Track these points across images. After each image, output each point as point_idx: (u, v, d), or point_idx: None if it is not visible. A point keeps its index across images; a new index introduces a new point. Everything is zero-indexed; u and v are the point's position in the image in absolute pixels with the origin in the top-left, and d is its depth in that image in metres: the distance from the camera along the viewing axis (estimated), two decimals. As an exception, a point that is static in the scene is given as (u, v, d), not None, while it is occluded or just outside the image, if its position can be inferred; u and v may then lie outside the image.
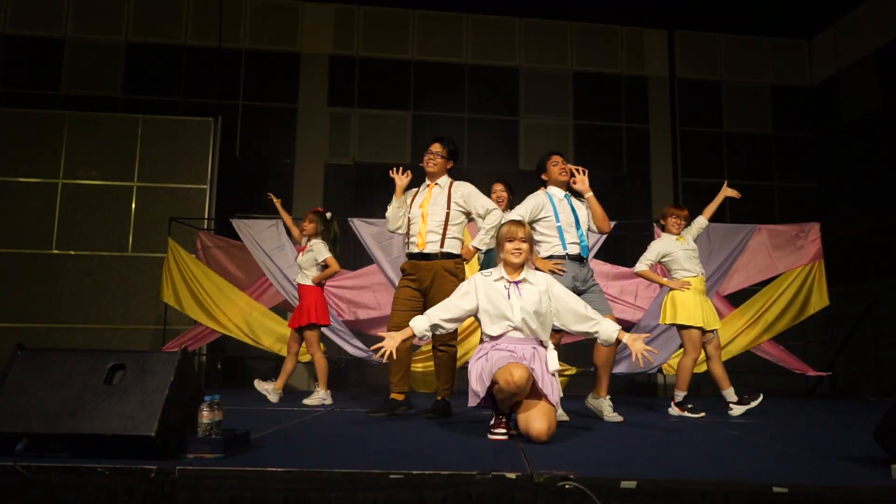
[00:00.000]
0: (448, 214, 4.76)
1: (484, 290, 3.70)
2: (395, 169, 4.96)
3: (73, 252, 8.93)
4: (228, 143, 10.05)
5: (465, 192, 4.84)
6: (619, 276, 7.91)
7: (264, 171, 10.26)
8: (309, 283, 5.94)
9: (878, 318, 9.06)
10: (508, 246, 3.68)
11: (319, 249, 5.91)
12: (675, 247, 5.33)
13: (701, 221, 5.49)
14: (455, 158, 5.03)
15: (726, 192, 5.58)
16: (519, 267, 3.70)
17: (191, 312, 8.03)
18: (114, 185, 9.13)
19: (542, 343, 3.68)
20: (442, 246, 4.70)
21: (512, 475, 2.41)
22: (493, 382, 3.43)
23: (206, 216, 9.08)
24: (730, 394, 5.18)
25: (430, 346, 7.71)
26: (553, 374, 3.54)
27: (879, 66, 9.62)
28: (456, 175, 5.11)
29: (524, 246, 3.66)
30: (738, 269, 7.99)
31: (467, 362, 7.71)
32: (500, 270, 3.73)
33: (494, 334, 3.66)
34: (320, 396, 5.79)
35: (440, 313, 3.74)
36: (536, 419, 3.36)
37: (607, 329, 3.67)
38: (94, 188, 9.09)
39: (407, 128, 10.59)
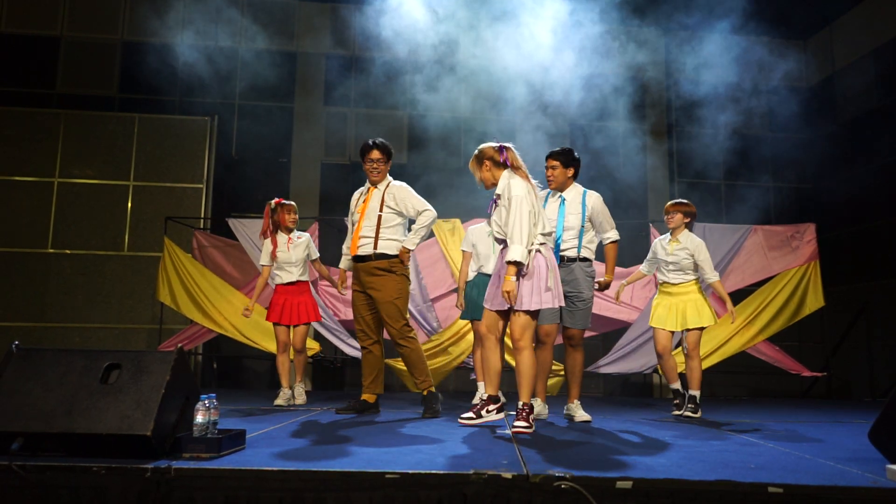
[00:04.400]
0: (380, 217, 4.82)
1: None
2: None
3: (68, 251, 8.91)
4: (224, 143, 10.04)
5: (398, 194, 4.88)
6: (615, 277, 7.91)
7: (260, 170, 10.24)
8: (307, 278, 5.84)
9: (873, 318, 9.08)
10: None
11: (311, 245, 5.86)
12: (661, 252, 5.45)
13: (709, 276, 5.35)
14: (391, 157, 5.03)
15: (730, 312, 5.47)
16: (494, 183, 4.06)
17: (187, 312, 8.02)
18: (109, 184, 9.12)
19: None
20: (375, 248, 4.79)
21: (508, 475, 2.41)
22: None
23: (202, 215, 9.07)
24: (696, 396, 5.24)
25: (426, 346, 7.74)
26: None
27: (875, 67, 9.64)
28: None
29: (477, 175, 4.09)
30: (734, 270, 8.01)
31: (464, 361, 7.70)
32: None
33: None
34: (298, 392, 5.79)
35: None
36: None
37: (508, 254, 3.81)
38: (90, 187, 9.07)
39: (403, 127, 10.59)
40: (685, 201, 5.48)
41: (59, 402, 2.72)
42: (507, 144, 4.06)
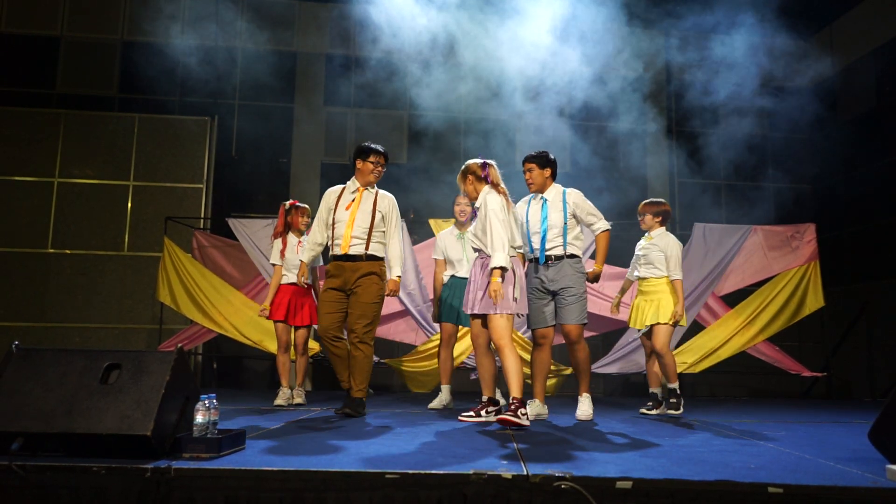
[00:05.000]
0: (373, 221, 4.87)
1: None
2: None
3: (68, 251, 8.91)
4: (224, 143, 10.04)
5: (388, 205, 4.97)
6: (613, 277, 7.91)
7: (260, 170, 10.24)
8: (311, 281, 5.81)
9: (874, 318, 9.08)
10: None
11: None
12: (637, 248, 5.50)
13: (672, 273, 5.28)
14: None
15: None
16: (475, 196, 4.49)
17: (186, 312, 8.02)
18: (109, 184, 9.12)
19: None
20: (367, 248, 4.83)
21: (508, 475, 2.41)
22: None
23: (202, 215, 9.07)
24: (675, 388, 5.25)
25: (426, 346, 7.75)
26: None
27: (876, 67, 9.64)
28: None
29: (461, 187, 4.60)
30: (734, 270, 8.01)
31: (464, 362, 7.70)
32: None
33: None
34: (298, 393, 5.77)
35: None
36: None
37: (492, 261, 4.16)
38: (90, 187, 9.08)
39: (403, 127, 10.59)
40: (656, 200, 5.50)
41: (59, 402, 2.72)
42: (489, 161, 4.46)
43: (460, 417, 4.45)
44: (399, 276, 4.90)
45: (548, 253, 4.73)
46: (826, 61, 10.65)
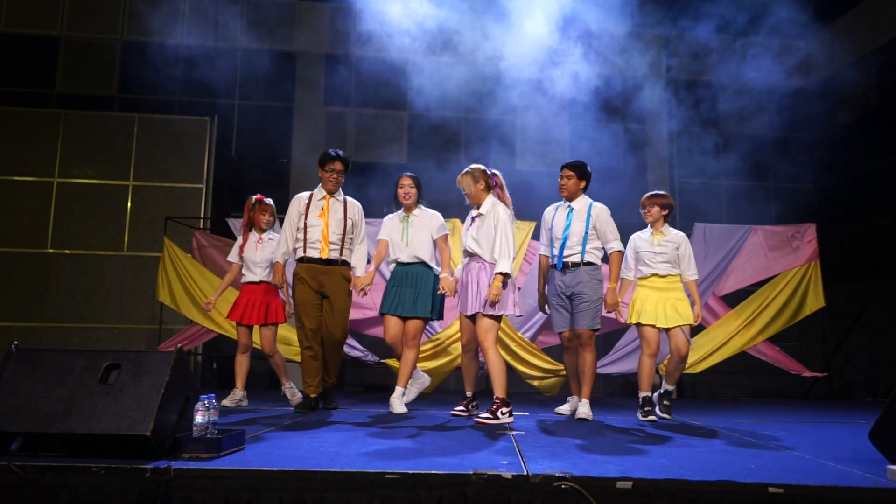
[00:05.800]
0: (345, 228, 5.06)
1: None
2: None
3: (68, 251, 8.90)
4: (224, 143, 10.03)
5: (357, 212, 5.18)
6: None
7: (260, 170, 10.23)
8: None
9: (874, 319, 9.07)
10: None
11: None
12: (644, 246, 5.17)
13: (689, 274, 5.14)
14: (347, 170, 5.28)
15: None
16: (479, 202, 4.73)
17: (186, 312, 8.01)
18: (109, 184, 9.11)
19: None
20: (341, 254, 5.04)
21: (508, 475, 2.41)
22: None
23: (201, 215, 9.07)
24: (672, 390, 5.17)
25: (426, 347, 7.73)
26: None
27: (875, 67, 9.63)
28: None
29: (470, 189, 4.77)
30: (735, 270, 8.00)
31: (458, 367, 7.69)
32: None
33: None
34: (291, 393, 5.71)
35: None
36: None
37: (498, 266, 4.47)
38: (90, 187, 9.07)
39: (403, 127, 10.58)
40: (661, 193, 5.28)
41: (58, 402, 2.72)
42: (496, 171, 4.77)
43: (452, 413, 4.72)
44: (362, 275, 5.08)
45: (565, 260, 4.92)
46: (826, 61, 10.65)
